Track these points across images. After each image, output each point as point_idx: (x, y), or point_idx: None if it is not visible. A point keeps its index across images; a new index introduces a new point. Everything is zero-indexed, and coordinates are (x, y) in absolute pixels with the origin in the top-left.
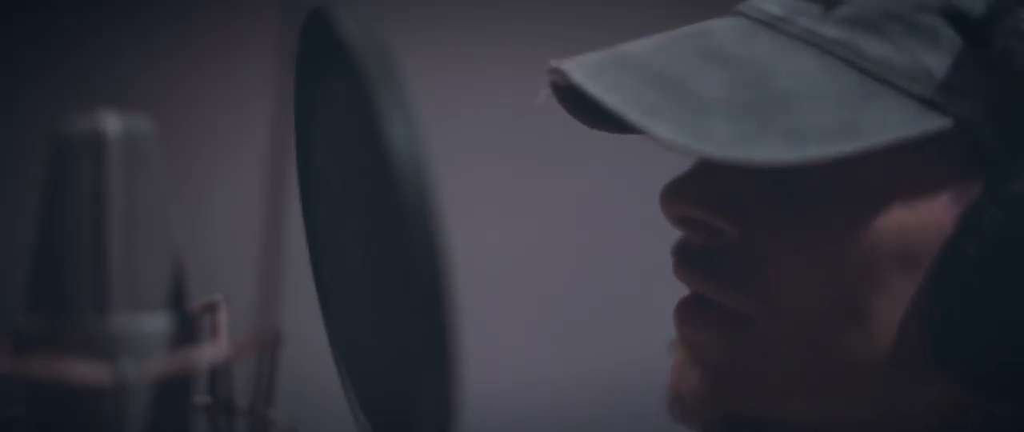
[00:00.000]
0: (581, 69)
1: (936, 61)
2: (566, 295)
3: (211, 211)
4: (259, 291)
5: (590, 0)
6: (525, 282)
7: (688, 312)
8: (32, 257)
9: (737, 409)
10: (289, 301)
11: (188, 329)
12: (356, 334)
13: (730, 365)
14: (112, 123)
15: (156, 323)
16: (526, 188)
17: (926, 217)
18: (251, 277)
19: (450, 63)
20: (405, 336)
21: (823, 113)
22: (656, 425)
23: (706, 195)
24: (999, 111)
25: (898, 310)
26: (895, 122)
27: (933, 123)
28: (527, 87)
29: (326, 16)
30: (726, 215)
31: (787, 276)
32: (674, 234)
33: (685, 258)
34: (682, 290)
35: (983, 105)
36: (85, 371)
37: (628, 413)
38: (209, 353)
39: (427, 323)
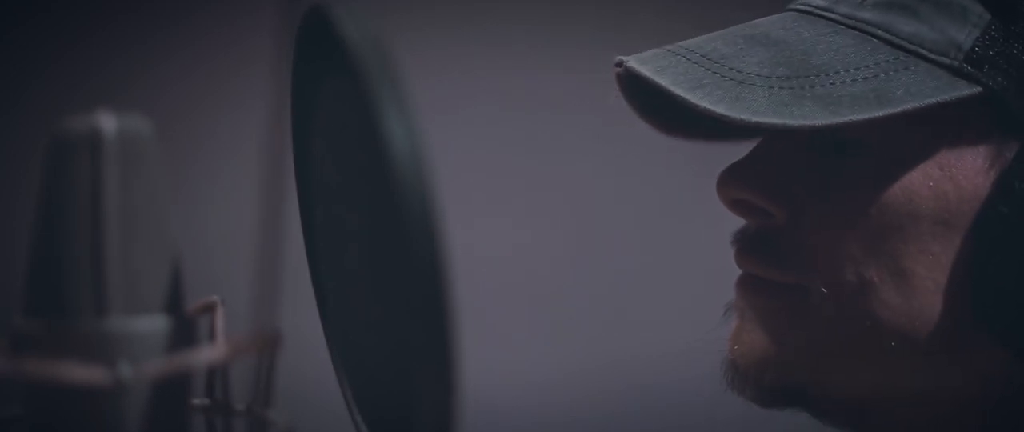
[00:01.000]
0: (636, 58)
1: (964, 35)
2: (566, 294)
3: (209, 211)
4: (257, 292)
5: (590, 0)
6: (525, 281)
7: (747, 287)
8: (30, 258)
9: (790, 377)
10: (287, 302)
11: (186, 330)
12: (354, 334)
13: (785, 331)
14: (109, 123)
15: (154, 324)
16: (526, 188)
17: (963, 182)
18: (249, 278)
19: (450, 63)
20: (405, 335)
21: (856, 83)
22: (656, 425)
23: (758, 179)
24: None
25: (940, 276)
26: (925, 89)
27: (961, 90)
28: (527, 87)
29: (325, 14)
30: (776, 199)
31: (833, 252)
32: (674, 235)
33: (744, 246)
34: (679, 289)
35: (1013, 74)
36: (83, 372)
37: (628, 412)
38: (207, 354)
39: (427, 322)
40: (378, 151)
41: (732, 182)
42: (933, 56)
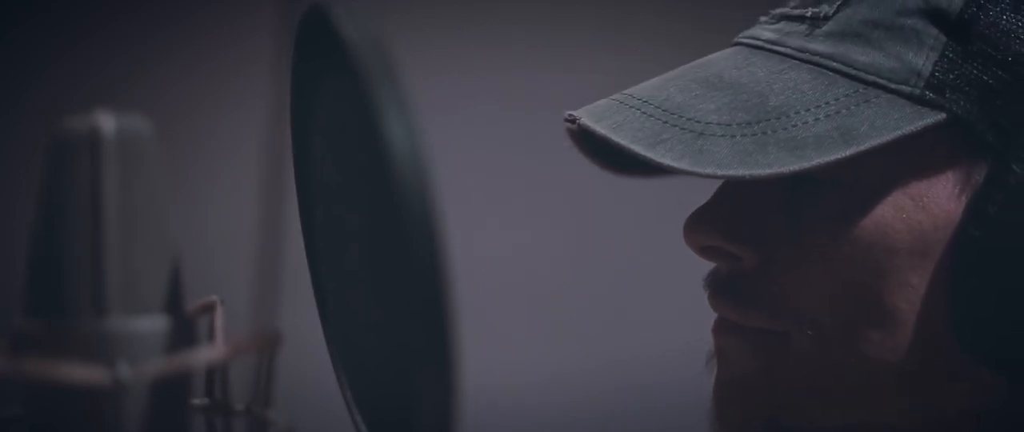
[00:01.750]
0: (589, 113)
1: (922, 60)
2: (566, 294)
3: (208, 211)
4: (257, 292)
5: (589, 1)
6: (525, 281)
7: (724, 331)
8: (30, 258)
9: (778, 419)
10: (287, 302)
11: (185, 330)
12: (354, 334)
13: (767, 377)
14: (109, 123)
15: (153, 324)
16: (526, 188)
17: (935, 211)
18: (249, 278)
19: (450, 63)
20: (405, 336)
21: (818, 122)
22: (656, 425)
23: (724, 224)
24: (990, 99)
25: (921, 307)
26: (889, 122)
27: (927, 118)
28: (525, 87)
29: (324, 14)
30: (744, 242)
31: (809, 293)
32: (674, 235)
33: (716, 288)
34: (678, 289)
35: (974, 96)
36: (82, 372)
37: (628, 412)
38: (206, 354)
39: (427, 323)
40: (378, 151)
41: (699, 228)
42: (893, 86)
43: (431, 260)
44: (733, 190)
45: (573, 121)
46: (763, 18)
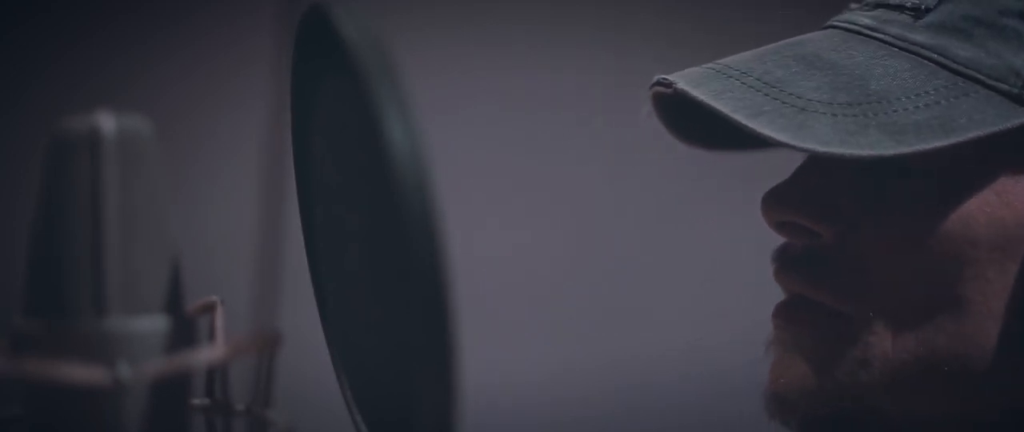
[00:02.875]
0: (685, 79)
1: (1021, 60)
2: (566, 294)
3: (209, 211)
4: (257, 292)
5: (590, 1)
6: (525, 281)
7: (788, 313)
8: (30, 258)
9: (841, 407)
10: (287, 302)
11: (185, 330)
12: (354, 334)
13: (833, 363)
14: (109, 123)
15: (153, 324)
16: (526, 188)
17: (1019, 209)
18: (249, 278)
19: (450, 63)
20: (405, 335)
21: (918, 110)
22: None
23: (804, 200)
24: None
25: (997, 302)
26: (987, 117)
27: (1023, 117)
28: (525, 87)
29: (324, 14)
30: (824, 218)
31: (886, 274)
32: (674, 235)
33: (786, 262)
34: (678, 289)
35: None
36: (82, 372)
37: (628, 412)
38: (206, 354)
39: (427, 323)
40: (378, 151)
41: (778, 204)
42: (991, 82)
43: (431, 260)
44: (813, 169)
45: (667, 86)
46: (854, 4)
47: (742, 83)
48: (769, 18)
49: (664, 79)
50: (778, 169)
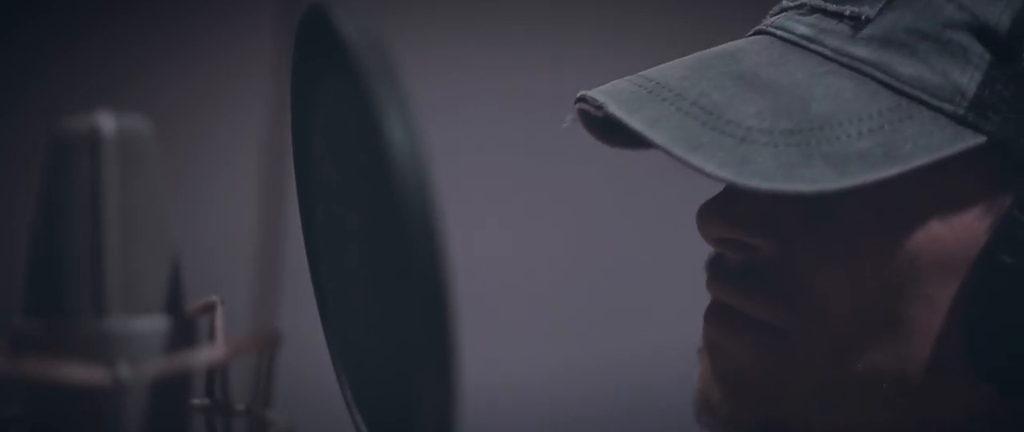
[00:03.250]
0: (616, 101)
1: (967, 78)
2: (566, 294)
3: (209, 211)
4: (257, 292)
5: (590, 1)
6: (524, 281)
7: (719, 319)
8: (30, 258)
9: (768, 417)
10: (287, 301)
11: (186, 330)
12: (354, 334)
13: (762, 373)
14: (109, 123)
15: (153, 324)
16: (526, 188)
17: (960, 228)
18: (249, 278)
19: (450, 63)
20: (405, 335)
21: (862, 137)
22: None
23: (742, 215)
24: None
25: (936, 321)
26: (932, 142)
27: (967, 141)
28: (525, 87)
29: (324, 14)
30: (763, 233)
31: (825, 289)
32: (674, 235)
33: (720, 273)
34: (678, 288)
35: (1014, 119)
36: (82, 372)
37: (629, 412)
38: (207, 354)
39: (427, 323)
40: (378, 151)
41: (715, 219)
42: (936, 103)
43: (431, 260)
44: None
45: (597, 106)
46: (787, 3)
47: (676, 109)
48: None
49: (593, 99)
50: None
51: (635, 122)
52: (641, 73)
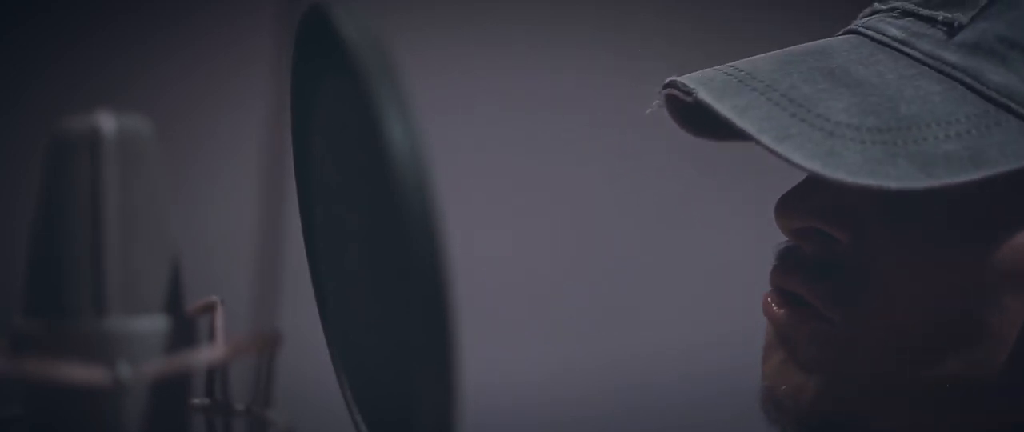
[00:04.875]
0: (706, 88)
1: None
2: (566, 294)
3: (209, 211)
4: (257, 292)
5: (589, 1)
6: (524, 281)
7: (786, 306)
8: (30, 258)
9: (835, 413)
10: (287, 301)
11: (186, 330)
12: (354, 334)
13: (832, 367)
14: (109, 123)
15: (153, 324)
16: (526, 187)
17: None
18: (249, 278)
19: (450, 63)
20: (405, 335)
21: (949, 140)
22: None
23: (822, 207)
24: None
25: (1011, 329)
26: (1018, 150)
27: None
28: (525, 87)
29: (324, 14)
30: (843, 225)
31: (900, 289)
32: (674, 235)
33: (790, 264)
34: (678, 289)
35: None
36: (82, 372)
37: (628, 412)
38: (207, 354)
39: (427, 323)
40: (378, 151)
41: (793, 210)
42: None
43: (431, 260)
44: None
45: (686, 92)
46: (879, 5)
47: (767, 99)
48: (769, 18)
49: (683, 85)
50: (776, 167)
51: (725, 109)
52: (731, 63)
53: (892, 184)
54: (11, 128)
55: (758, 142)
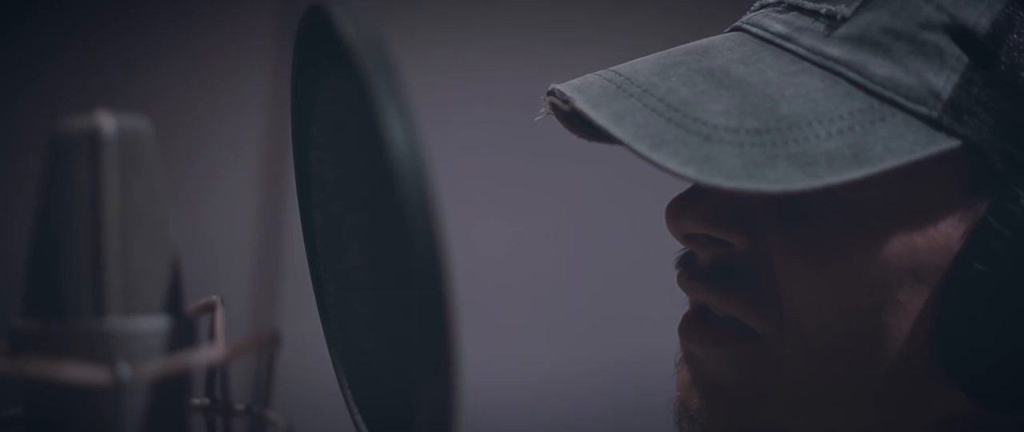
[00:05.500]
0: (584, 95)
1: (942, 81)
2: (565, 294)
3: (208, 211)
4: (256, 292)
5: (589, 1)
6: (524, 281)
7: (694, 328)
8: (29, 258)
9: (744, 423)
10: (287, 302)
11: (186, 330)
12: (354, 334)
13: (738, 381)
14: (109, 123)
15: (153, 324)
16: (525, 188)
17: (933, 235)
18: (248, 278)
19: (450, 63)
20: (405, 335)
21: (831, 137)
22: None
23: (713, 211)
24: (1006, 129)
25: (907, 326)
26: (903, 145)
27: (941, 144)
28: (524, 88)
29: (324, 14)
30: (734, 229)
31: (797, 290)
32: (670, 236)
33: (692, 270)
34: (677, 289)
35: (990, 123)
36: (82, 372)
37: (628, 412)
38: (206, 354)
39: (427, 322)
40: (378, 151)
41: (685, 215)
42: (910, 105)
43: (431, 259)
44: None
45: (564, 100)
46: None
47: (643, 105)
48: None
49: (561, 93)
50: None
51: (600, 117)
52: (613, 67)
53: (771, 187)
54: (11, 128)
55: (633, 150)
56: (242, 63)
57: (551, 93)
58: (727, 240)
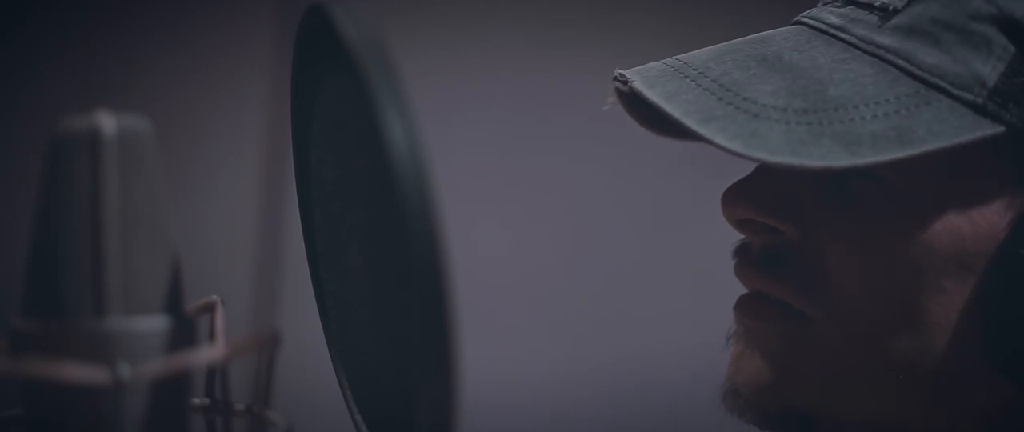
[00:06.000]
0: (641, 77)
1: (989, 69)
2: (565, 294)
3: (208, 211)
4: (256, 292)
5: (589, 1)
6: (524, 281)
7: (748, 304)
8: (29, 258)
9: (792, 402)
10: (287, 302)
11: (186, 330)
12: (354, 334)
13: (788, 357)
14: (109, 123)
15: (153, 324)
16: (525, 187)
17: (979, 222)
18: (248, 278)
19: (450, 63)
20: (405, 335)
21: (876, 119)
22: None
23: (765, 198)
24: None
25: (952, 313)
26: (948, 129)
27: (985, 130)
28: (525, 87)
29: (325, 14)
30: (785, 216)
31: (844, 276)
32: (672, 235)
33: (746, 259)
34: (677, 289)
35: None
36: (82, 372)
37: (627, 412)
38: (206, 354)
39: (427, 322)
40: (378, 151)
41: (739, 202)
42: (956, 91)
43: (431, 259)
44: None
45: (624, 81)
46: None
47: (696, 85)
48: (769, 19)
49: (622, 75)
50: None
51: (654, 95)
52: (675, 56)
53: (814, 163)
54: (11, 128)
55: (681, 125)
56: (242, 63)
57: (616, 78)
58: (778, 227)
